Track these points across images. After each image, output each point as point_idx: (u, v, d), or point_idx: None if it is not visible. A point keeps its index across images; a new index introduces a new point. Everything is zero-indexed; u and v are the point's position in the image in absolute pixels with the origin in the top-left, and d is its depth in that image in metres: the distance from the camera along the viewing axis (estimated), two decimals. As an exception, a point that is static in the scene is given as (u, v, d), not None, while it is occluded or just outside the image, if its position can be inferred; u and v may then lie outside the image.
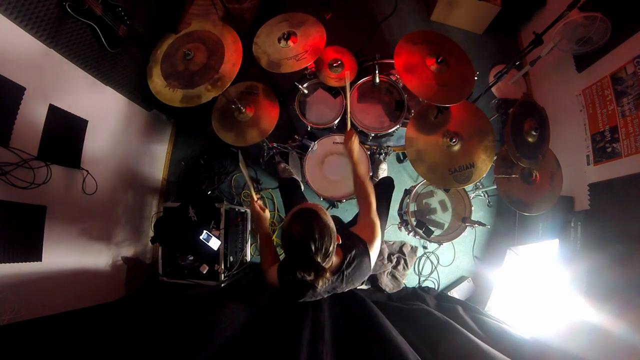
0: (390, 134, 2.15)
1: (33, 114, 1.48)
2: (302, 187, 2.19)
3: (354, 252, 1.13)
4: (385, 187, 1.92)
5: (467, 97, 1.71)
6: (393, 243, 2.49)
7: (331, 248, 1.00)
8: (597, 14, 1.88)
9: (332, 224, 1.03)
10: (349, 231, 1.24)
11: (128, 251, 2.23)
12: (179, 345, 1.11)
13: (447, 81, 1.64)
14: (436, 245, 2.47)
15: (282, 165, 2.40)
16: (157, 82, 1.59)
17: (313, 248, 0.96)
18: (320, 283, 1.03)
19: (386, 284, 2.34)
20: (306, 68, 2.00)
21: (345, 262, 1.11)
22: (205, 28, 1.64)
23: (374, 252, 1.19)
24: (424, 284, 2.49)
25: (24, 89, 1.41)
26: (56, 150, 1.60)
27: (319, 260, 0.97)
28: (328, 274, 1.04)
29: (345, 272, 1.11)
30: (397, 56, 1.65)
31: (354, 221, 1.58)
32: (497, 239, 2.54)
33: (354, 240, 1.17)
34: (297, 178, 2.28)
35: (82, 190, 1.78)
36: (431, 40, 1.72)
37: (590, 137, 2.04)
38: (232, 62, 1.57)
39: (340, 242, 1.08)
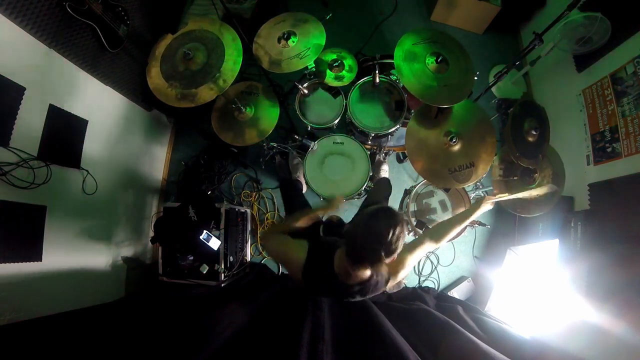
0: (390, 134, 2.15)
1: (33, 114, 1.48)
2: (305, 188, 2.19)
3: (379, 278, 1.13)
4: (383, 188, 1.92)
5: (468, 96, 1.71)
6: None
7: (397, 254, 0.99)
8: (597, 14, 1.89)
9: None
10: None
11: (128, 251, 2.23)
12: (179, 346, 1.11)
13: (448, 81, 1.64)
14: (436, 245, 2.46)
15: (296, 160, 2.31)
16: (158, 83, 1.59)
17: (385, 239, 0.94)
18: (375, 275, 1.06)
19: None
20: (306, 68, 2.00)
21: (371, 281, 1.11)
22: (203, 27, 1.65)
23: (393, 284, 1.18)
24: (424, 284, 2.49)
25: (24, 89, 1.41)
26: (56, 150, 1.60)
27: (382, 254, 0.96)
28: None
29: (363, 289, 1.12)
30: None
31: None
32: (497, 239, 2.54)
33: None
34: (301, 178, 2.26)
35: (82, 190, 1.78)
36: (430, 38, 1.72)
37: (590, 137, 2.04)
38: (232, 60, 1.57)
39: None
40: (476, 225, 1.98)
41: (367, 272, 1.05)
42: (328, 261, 1.10)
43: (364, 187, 1.97)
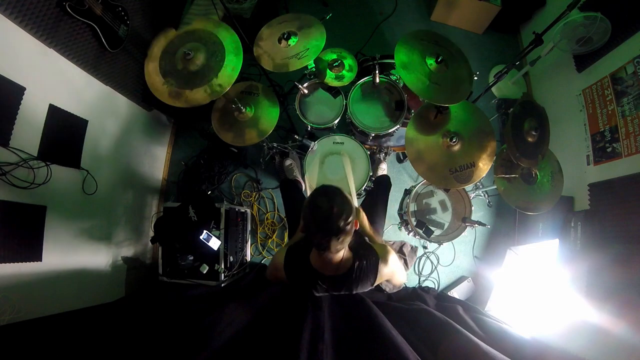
0: (390, 134, 2.15)
1: (33, 114, 1.48)
2: (304, 188, 2.19)
3: (365, 262, 1.14)
4: (382, 186, 1.92)
5: (467, 97, 1.71)
6: (393, 243, 2.49)
7: (351, 218, 1.00)
8: (597, 14, 1.89)
9: (353, 203, 1.05)
10: (365, 241, 1.24)
11: (128, 251, 2.23)
12: (179, 346, 1.11)
13: (446, 81, 1.64)
14: (436, 245, 2.46)
15: (288, 162, 2.35)
16: (155, 79, 1.58)
17: (336, 210, 0.97)
18: (338, 246, 1.04)
19: (386, 284, 2.34)
20: (306, 68, 2.00)
21: (356, 267, 1.12)
22: (207, 28, 1.64)
23: (387, 270, 1.18)
24: (424, 284, 2.49)
25: (24, 89, 1.41)
26: (56, 150, 1.60)
27: (340, 224, 0.97)
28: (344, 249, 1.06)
29: (352, 278, 1.13)
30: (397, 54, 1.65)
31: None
32: (497, 239, 2.54)
33: (369, 251, 1.18)
34: (299, 178, 2.27)
35: (82, 190, 1.78)
36: (431, 39, 1.72)
37: (590, 137, 2.04)
38: (231, 66, 1.57)
39: (358, 227, 1.09)
40: (476, 225, 1.98)
41: (340, 254, 1.08)
42: (304, 258, 1.15)
43: (364, 187, 1.97)
